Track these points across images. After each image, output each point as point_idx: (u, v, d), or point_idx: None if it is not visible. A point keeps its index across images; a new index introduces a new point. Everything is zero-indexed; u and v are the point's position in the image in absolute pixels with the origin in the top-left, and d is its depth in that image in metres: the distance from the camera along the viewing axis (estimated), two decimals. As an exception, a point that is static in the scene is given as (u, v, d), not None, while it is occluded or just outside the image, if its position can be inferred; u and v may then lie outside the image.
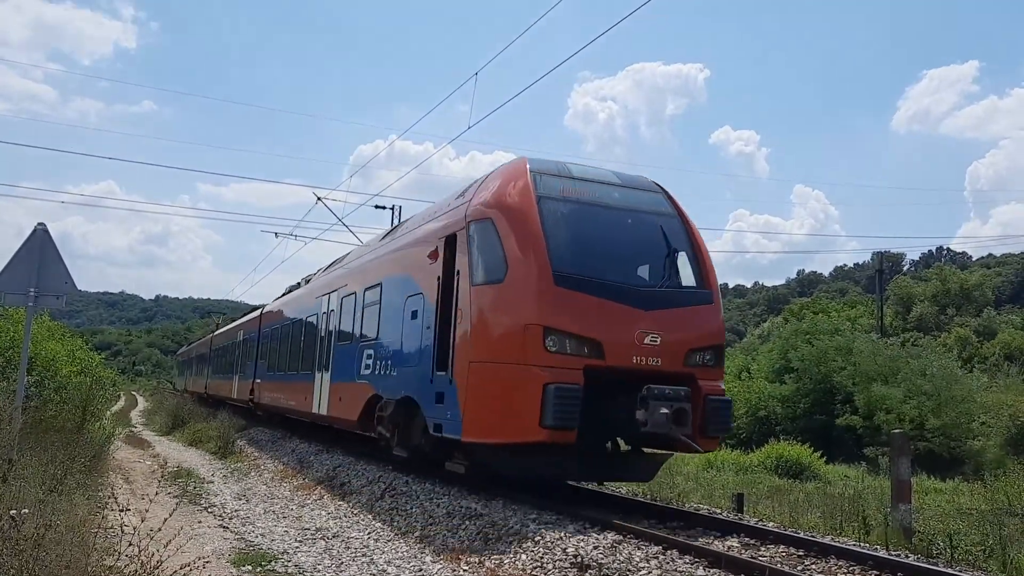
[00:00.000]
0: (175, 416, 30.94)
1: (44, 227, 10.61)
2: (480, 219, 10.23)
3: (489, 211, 10.14)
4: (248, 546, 9.11)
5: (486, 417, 9.61)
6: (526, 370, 9.12)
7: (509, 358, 9.34)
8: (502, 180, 10.55)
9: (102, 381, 22.32)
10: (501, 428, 9.41)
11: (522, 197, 10.02)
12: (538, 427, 8.89)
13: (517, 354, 9.25)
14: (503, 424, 9.36)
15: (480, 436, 9.76)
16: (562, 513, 9.38)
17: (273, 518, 11.07)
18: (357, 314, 15.04)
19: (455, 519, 9.82)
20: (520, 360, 9.21)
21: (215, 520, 10.81)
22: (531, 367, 9.11)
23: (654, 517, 9.92)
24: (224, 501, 12.43)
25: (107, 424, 16.90)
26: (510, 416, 9.24)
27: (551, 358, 9.16)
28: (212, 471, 16.60)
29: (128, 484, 13.64)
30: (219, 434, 21.50)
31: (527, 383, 9.04)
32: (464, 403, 9.79)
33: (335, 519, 10.88)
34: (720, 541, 8.48)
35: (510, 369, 9.28)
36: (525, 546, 8.19)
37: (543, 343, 9.17)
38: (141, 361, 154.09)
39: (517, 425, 9.13)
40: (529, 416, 8.94)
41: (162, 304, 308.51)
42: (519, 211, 9.85)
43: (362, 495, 12.33)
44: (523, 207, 9.89)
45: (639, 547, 7.71)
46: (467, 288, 10.13)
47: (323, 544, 9.28)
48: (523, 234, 9.63)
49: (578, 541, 7.99)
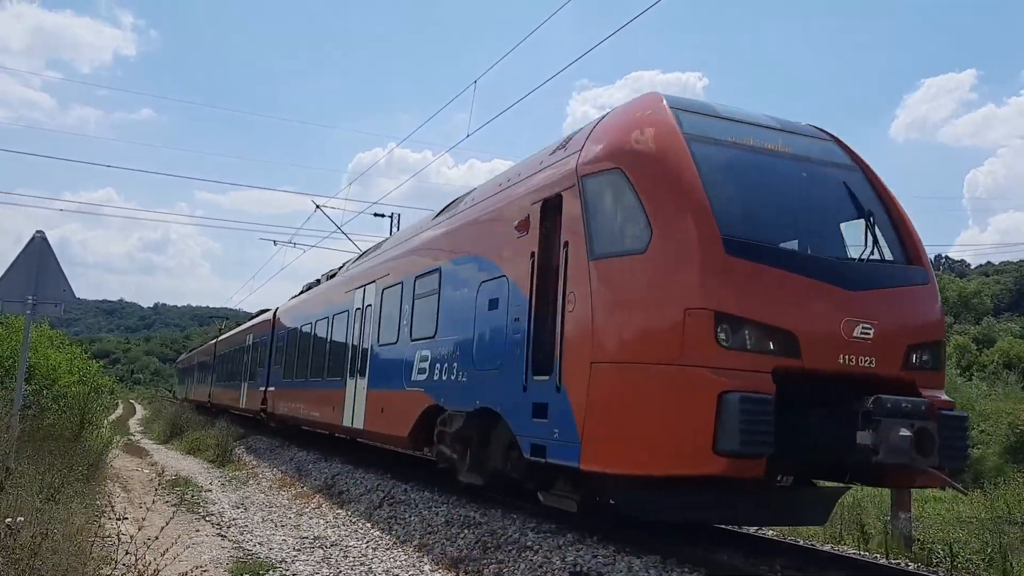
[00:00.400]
0: (173, 424, 30.88)
1: (43, 235, 10.62)
2: (601, 171, 7.73)
3: (616, 159, 7.65)
4: (246, 555, 9.07)
5: (623, 439, 7.02)
6: (689, 373, 6.62)
7: (658, 356, 6.83)
8: (629, 120, 8.05)
9: (100, 389, 22.28)
10: (648, 455, 6.81)
11: (666, 139, 7.51)
12: (711, 454, 6.36)
13: (672, 351, 6.73)
14: (652, 449, 6.80)
15: (612, 465, 7.14)
16: (561, 522, 9.35)
17: (271, 527, 11.03)
18: (405, 308, 12.51)
19: (454, 528, 9.78)
20: (677, 359, 6.70)
21: (213, 529, 10.77)
22: (696, 369, 6.60)
23: (654, 527, 9.88)
24: (222, 509, 12.39)
25: (105, 432, 16.86)
26: (665, 438, 6.72)
27: (726, 356, 6.65)
28: (210, 479, 16.55)
29: (126, 492, 13.59)
30: (217, 442, 21.45)
31: (692, 392, 6.57)
32: (584, 418, 7.25)
33: (333, 528, 10.84)
34: (724, 552, 8.45)
35: (661, 372, 6.77)
36: (524, 555, 8.16)
37: (714, 334, 6.65)
38: (139, 369, 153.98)
39: (675, 451, 6.64)
40: (696, 439, 6.43)
41: (160, 312, 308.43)
42: (664, 157, 7.38)
43: (360, 503, 12.30)
44: (669, 151, 7.39)
45: (638, 556, 7.69)
46: (583, 264, 7.58)
47: (321, 553, 9.24)
48: (673, 186, 7.16)
49: (577, 551, 7.97)
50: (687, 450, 6.52)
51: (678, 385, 6.67)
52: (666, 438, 6.69)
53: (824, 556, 8.41)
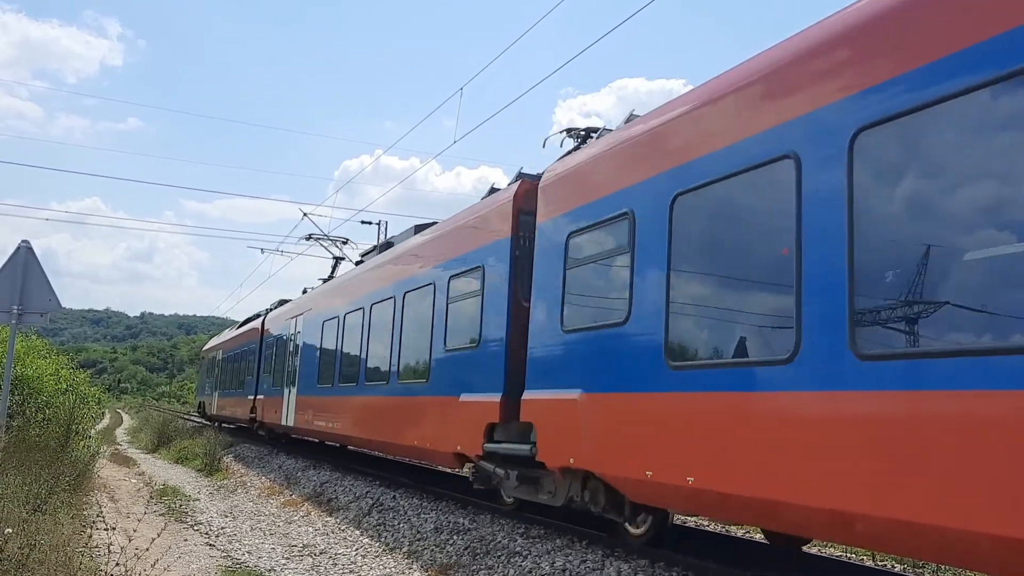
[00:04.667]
0: (161, 433, 30.71)
1: (28, 244, 10.59)
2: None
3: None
4: (234, 563, 9.06)
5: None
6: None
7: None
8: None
9: (87, 399, 22.17)
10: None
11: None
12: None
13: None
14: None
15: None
16: (549, 527, 9.37)
17: (260, 535, 11.01)
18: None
19: (443, 534, 9.80)
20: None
21: (201, 538, 10.73)
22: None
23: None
24: (210, 519, 12.35)
25: (92, 442, 16.77)
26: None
27: None
28: (198, 488, 16.49)
29: (114, 503, 13.52)
30: (205, 451, 21.36)
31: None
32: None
33: (322, 535, 10.82)
34: (711, 557, 8.49)
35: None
36: (513, 560, 8.19)
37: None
38: (126, 378, 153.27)
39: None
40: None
41: (147, 321, 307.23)
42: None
43: (349, 511, 12.29)
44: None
45: (627, 561, 7.71)
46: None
47: (310, 561, 9.24)
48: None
49: (566, 556, 8.00)
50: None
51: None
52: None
53: (813, 558, 8.48)
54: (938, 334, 4.60)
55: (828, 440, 5.04)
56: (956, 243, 4.55)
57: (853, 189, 5.03)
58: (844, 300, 5.00)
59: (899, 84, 4.85)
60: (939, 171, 4.72)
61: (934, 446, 4.40)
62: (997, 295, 4.33)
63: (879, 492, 4.66)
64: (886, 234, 4.91)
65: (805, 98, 5.53)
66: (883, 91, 4.95)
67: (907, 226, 4.81)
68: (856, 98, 5.13)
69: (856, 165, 5.06)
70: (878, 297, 4.90)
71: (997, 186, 4.40)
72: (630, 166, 7.50)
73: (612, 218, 7.56)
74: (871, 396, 4.78)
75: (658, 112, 7.49)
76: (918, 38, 4.80)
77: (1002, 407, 4.13)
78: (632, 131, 7.71)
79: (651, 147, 7.26)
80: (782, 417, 5.46)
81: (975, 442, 4.23)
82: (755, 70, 6.21)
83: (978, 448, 4.21)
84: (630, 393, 6.99)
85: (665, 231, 6.76)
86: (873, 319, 4.91)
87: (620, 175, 7.61)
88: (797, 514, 5.36)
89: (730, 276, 6.26)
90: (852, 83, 5.18)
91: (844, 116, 5.18)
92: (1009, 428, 4.07)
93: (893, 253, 4.85)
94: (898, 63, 4.89)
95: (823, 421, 5.14)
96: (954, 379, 4.34)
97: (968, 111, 4.51)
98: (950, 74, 4.57)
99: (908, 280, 4.71)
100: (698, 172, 6.50)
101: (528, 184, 9.72)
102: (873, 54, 5.09)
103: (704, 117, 6.67)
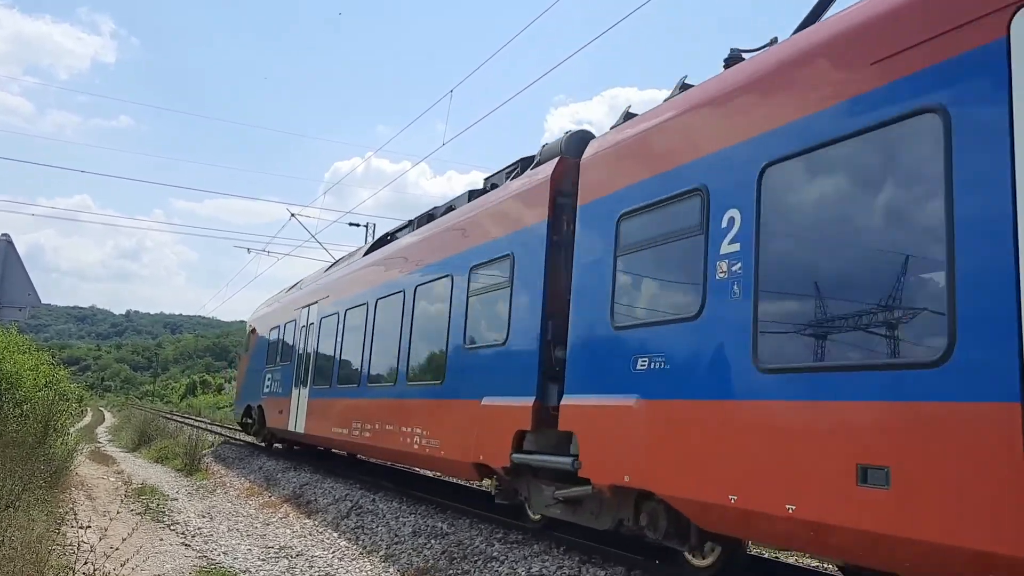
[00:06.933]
0: (142, 432, 30.50)
1: (8, 238, 10.49)
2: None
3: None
4: (210, 564, 8.99)
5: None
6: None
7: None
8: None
9: (67, 396, 21.98)
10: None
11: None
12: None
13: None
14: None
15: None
16: (527, 533, 9.33)
17: (237, 536, 10.93)
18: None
19: (421, 538, 9.76)
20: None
21: (177, 538, 10.65)
22: None
23: (619, 538, 9.87)
24: (188, 519, 12.26)
25: (70, 439, 16.63)
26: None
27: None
28: (177, 488, 16.37)
29: (91, 501, 13.41)
30: (186, 451, 21.22)
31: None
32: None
33: (300, 537, 10.76)
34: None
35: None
36: (489, 566, 8.16)
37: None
38: (110, 377, 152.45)
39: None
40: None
41: (133, 319, 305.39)
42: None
43: (328, 513, 12.23)
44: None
45: (604, 567, 7.69)
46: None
47: (286, 563, 9.17)
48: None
49: (543, 561, 7.98)
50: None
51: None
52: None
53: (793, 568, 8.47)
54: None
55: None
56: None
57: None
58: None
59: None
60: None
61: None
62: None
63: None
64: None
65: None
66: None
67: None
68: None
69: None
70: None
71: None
72: (703, 134, 6.51)
73: (678, 195, 6.59)
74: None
75: (742, 71, 6.37)
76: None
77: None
78: (708, 90, 6.69)
79: (734, 110, 6.23)
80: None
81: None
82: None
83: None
84: (704, 401, 5.98)
85: (752, 207, 5.77)
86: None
87: (689, 146, 6.64)
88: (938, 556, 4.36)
89: (844, 258, 5.19)
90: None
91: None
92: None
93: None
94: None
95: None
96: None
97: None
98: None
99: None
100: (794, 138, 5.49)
101: (567, 162, 8.67)
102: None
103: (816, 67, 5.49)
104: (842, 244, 5.19)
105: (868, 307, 4.91)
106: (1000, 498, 4.03)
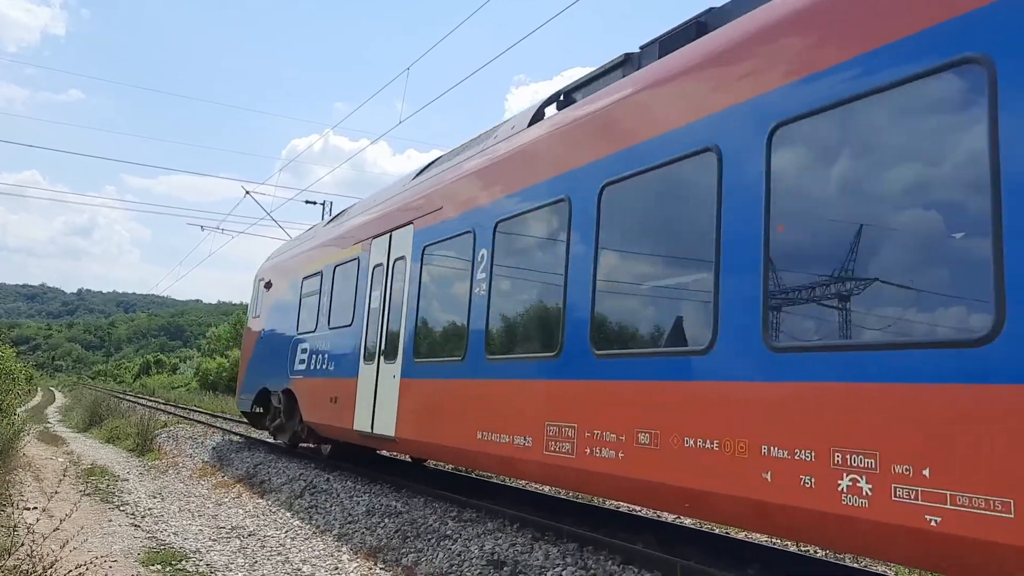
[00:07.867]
0: (92, 412, 29.97)
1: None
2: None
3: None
4: (159, 545, 8.85)
5: None
6: None
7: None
8: None
9: (14, 375, 21.50)
10: None
11: None
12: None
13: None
14: None
15: None
16: (481, 511, 9.33)
17: (188, 516, 10.78)
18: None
19: (375, 517, 9.72)
20: None
21: (127, 519, 10.48)
22: None
23: (576, 515, 9.95)
24: (138, 499, 12.06)
25: (17, 420, 16.27)
26: None
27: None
28: (128, 468, 16.11)
29: (38, 482, 13.14)
30: (138, 431, 20.88)
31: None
32: None
33: (252, 517, 10.65)
34: (641, 540, 8.54)
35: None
36: (443, 544, 8.14)
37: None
38: (61, 356, 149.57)
39: None
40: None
41: (85, 298, 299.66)
42: None
43: (281, 493, 12.12)
44: None
45: (556, 544, 7.72)
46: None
47: (238, 543, 9.07)
48: None
49: (496, 539, 7.98)
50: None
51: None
52: None
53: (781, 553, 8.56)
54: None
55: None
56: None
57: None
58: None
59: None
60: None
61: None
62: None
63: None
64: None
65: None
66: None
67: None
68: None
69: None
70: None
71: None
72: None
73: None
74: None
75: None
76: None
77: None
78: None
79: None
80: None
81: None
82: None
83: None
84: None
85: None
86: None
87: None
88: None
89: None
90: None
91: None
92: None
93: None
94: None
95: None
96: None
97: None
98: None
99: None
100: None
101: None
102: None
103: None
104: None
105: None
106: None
